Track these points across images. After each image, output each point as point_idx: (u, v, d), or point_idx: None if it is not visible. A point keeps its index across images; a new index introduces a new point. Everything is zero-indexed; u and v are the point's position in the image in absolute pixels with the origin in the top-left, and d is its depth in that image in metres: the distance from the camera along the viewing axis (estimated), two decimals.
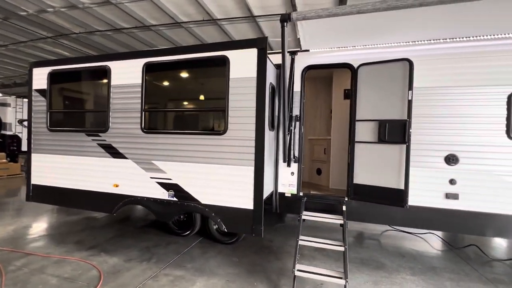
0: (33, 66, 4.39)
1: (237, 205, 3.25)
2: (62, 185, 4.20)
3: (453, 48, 3.34)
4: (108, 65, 3.88)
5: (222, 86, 3.29)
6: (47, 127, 4.31)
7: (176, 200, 3.53)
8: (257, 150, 3.13)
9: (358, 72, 3.67)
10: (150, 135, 3.66)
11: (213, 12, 9.58)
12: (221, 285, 3.24)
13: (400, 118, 3.36)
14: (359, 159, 3.65)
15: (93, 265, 3.63)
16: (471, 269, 3.78)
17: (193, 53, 3.44)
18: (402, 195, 3.31)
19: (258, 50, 3.15)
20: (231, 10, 9.28)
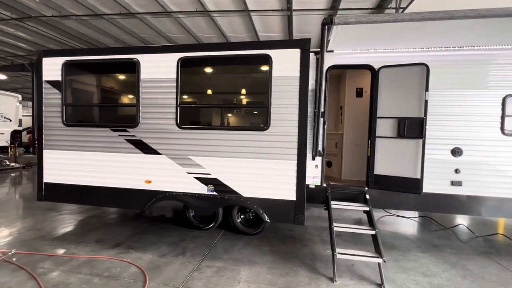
0: (42, 55, 4.04)
1: (280, 197, 3.46)
2: (81, 183, 4.00)
3: (461, 55, 3.85)
4: (137, 58, 3.75)
5: (263, 84, 3.43)
6: (63, 122, 4.04)
7: (216, 194, 3.61)
8: (299, 145, 3.35)
9: (379, 73, 4.04)
10: (187, 130, 3.66)
11: (206, 4, 9.40)
12: (264, 272, 3.45)
13: (417, 116, 3.81)
14: (379, 152, 4.06)
15: (129, 262, 3.59)
16: (464, 245, 4.46)
17: (234, 50, 3.50)
18: (418, 183, 3.79)
19: (301, 50, 3.34)
20: (225, 2, 9.19)
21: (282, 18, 10.15)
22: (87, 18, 10.93)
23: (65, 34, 12.73)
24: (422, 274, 3.46)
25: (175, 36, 12.41)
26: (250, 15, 9.69)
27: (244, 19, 10.32)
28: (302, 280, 3.28)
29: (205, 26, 11.13)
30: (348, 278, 3.33)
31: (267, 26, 10.81)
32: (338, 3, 8.69)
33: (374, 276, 3.37)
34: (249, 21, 10.45)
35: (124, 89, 3.91)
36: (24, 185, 8.58)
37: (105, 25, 11.61)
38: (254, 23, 10.32)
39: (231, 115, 3.80)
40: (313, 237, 4.67)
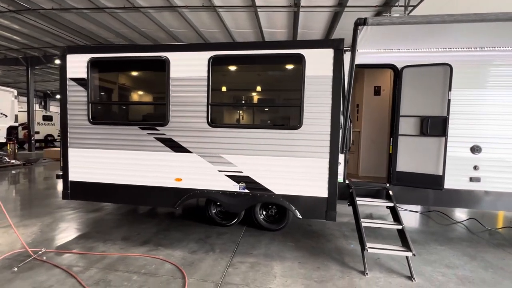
0: (67, 51, 3.96)
1: (312, 194, 3.54)
2: (108, 181, 3.99)
3: (483, 56, 3.98)
4: (167, 56, 3.73)
5: (295, 83, 3.48)
6: (89, 120, 4.00)
7: (247, 192, 3.67)
8: (332, 144, 3.44)
9: (403, 73, 4.15)
10: (218, 129, 3.69)
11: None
12: (297, 266, 3.55)
13: (440, 114, 3.94)
14: (402, 149, 4.19)
15: (162, 259, 3.63)
16: (478, 238, 4.66)
17: (267, 49, 3.53)
18: (440, 180, 3.95)
19: (334, 50, 3.39)
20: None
21: (288, 15, 10.15)
22: (88, 12, 10.67)
23: (63, 27, 12.41)
24: (446, 266, 3.62)
25: (176, 31, 12.25)
26: (256, 11, 9.65)
27: (249, 14, 10.27)
28: (335, 274, 3.39)
29: (209, 21, 11.02)
30: (378, 271, 3.46)
31: (272, 22, 10.78)
32: (345, 1, 8.74)
33: (401, 269, 3.51)
34: (254, 17, 10.41)
35: (152, 87, 3.89)
36: (30, 183, 8.43)
37: (106, 19, 11.36)
38: (260, 19, 10.29)
39: (263, 113, 3.84)
40: (333, 232, 4.80)
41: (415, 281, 3.24)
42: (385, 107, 5.13)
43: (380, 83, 5.16)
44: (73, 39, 13.77)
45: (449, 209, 6.15)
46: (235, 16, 10.47)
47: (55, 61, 15.35)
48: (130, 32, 12.87)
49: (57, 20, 11.77)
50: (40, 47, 14.91)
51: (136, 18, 11.31)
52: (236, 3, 9.36)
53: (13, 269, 3.26)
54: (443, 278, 3.33)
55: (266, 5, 9.34)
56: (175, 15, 10.70)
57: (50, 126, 19.63)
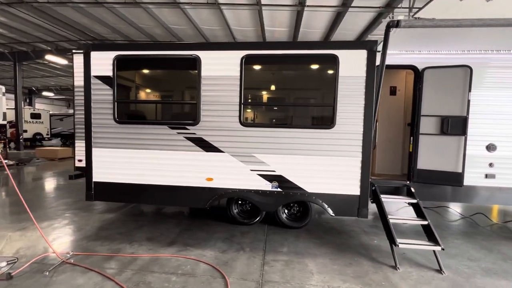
0: (91, 49, 3.84)
1: (344, 192, 3.62)
2: (135, 181, 3.92)
3: (500, 58, 4.17)
4: (198, 55, 3.69)
5: (329, 83, 3.53)
6: (114, 119, 3.90)
7: (280, 191, 3.71)
8: (364, 143, 3.52)
9: (424, 74, 4.29)
10: (251, 128, 3.70)
11: None
12: (329, 263, 3.62)
13: (460, 114, 4.12)
14: (423, 148, 4.34)
15: (195, 259, 3.61)
16: (489, 231, 4.91)
17: (300, 49, 3.56)
18: (460, 177, 4.13)
19: (368, 51, 3.47)
20: None
21: (291, 14, 10.19)
22: (84, 6, 10.31)
23: (56, 21, 11.92)
24: (468, 259, 3.81)
25: (175, 27, 12.04)
26: (261, 9, 9.63)
27: (252, 13, 10.24)
28: (367, 269, 3.49)
29: (211, 19, 10.90)
30: (408, 265, 3.59)
31: (274, 21, 10.80)
32: (349, 1, 8.88)
33: (428, 263, 3.66)
34: (257, 15, 10.40)
35: (182, 86, 3.84)
36: (30, 183, 8.10)
37: (102, 13, 11.02)
38: (263, 18, 10.28)
39: (295, 113, 3.88)
40: (353, 228, 4.91)
41: (445, 274, 3.39)
42: (401, 106, 5.28)
43: (396, 83, 5.31)
44: (65, 34, 13.27)
45: (455, 204, 6.42)
46: (238, 14, 10.42)
47: (45, 57, 14.74)
48: (126, 27, 12.54)
49: (50, 14, 11.30)
50: (29, 42, 14.27)
51: (135, 13, 11.04)
52: (241, 1, 9.31)
53: (44, 273, 3.16)
54: (469, 271, 3.50)
55: (271, 4, 9.33)
56: (176, 11, 10.51)
57: (39, 124, 18.85)
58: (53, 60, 15.24)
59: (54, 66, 19.10)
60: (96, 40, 14.18)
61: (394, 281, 3.22)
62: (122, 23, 11.92)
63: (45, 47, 14.91)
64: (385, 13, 9.51)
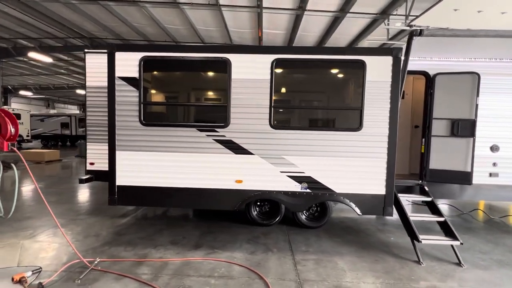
0: (115, 49, 3.72)
1: (371, 192, 3.78)
2: (161, 185, 3.85)
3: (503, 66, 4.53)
4: (228, 58, 3.70)
5: (356, 87, 3.68)
6: (140, 122, 3.80)
7: (309, 192, 3.80)
8: (389, 145, 3.70)
9: (436, 79, 4.56)
10: (280, 130, 3.76)
11: None
12: (357, 260, 3.75)
13: (469, 117, 4.42)
14: (435, 149, 4.61)
15: (227, 261, 3.61)
16: (489, 226, 5.29)
17: (330, 54, 3.67)
18: (469, 176, 4.44)
19: (393, 58, 3.65)
20: None
21: (290, 17, 10.37)
22: (77, 2, 9.90)
23: (42, 17, 11.35)
24: (480, 252, 4.09)
25: (170, 27, 11.84)
26: (261, 12, 9.72)
27: (252, 15, 10.30)
28: (394, 265, 3.66)
29: (209, 19, 10.84)
30: (429, 260, 3.81)
31: (273, 24, 10.92)
32: (348, 7, 9.19)
33: (446, 257, 3.90)
34: (256, 18, 10.49)
35: (211, 88, 3.82)
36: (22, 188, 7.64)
37: (94, 10, 10.64)
38: (262, 20, 10.37)
39: (324, 116, 3.98)
40: (367, 226, 5.11)
41: (465, 267, 3.63)
42: (408, 110, 5.57)
43: (404, 88, 5.57)
44: (51, 30, 12.66)
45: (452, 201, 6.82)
46: (237, 15, 10.43)
47: (28, 54, 13.94)
48: (118, 26, 12.17)
49: (36, 9, 10.75)
50: (10, 38, 13.46)
51: (129, 11, 10.74)
52: (243, 3, 9.35)
53: (76, 282, 3.05)
54: (484, 263, 3.77)
55: (272, 7, 9.45)
56: (172, 10, 10.36)
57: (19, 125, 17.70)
58: (36, 58, 14.44)
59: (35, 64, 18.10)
60: (84, 39, 13.64)
61: (421, 275, 3.41)
62: (115, 21, 11.55)
63: (28, 44, 14.13)
64: (380, 19, 9.93)
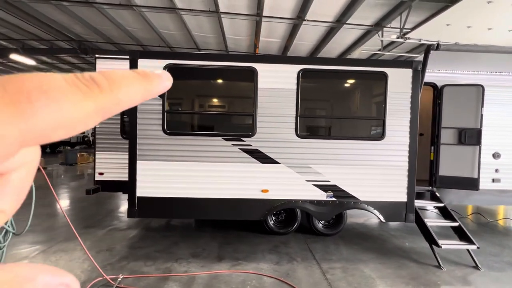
0: (138, 56, 3.60)
1: (393, 199, 3.88)
2: (185, 195, 3.73)
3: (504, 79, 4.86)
4: (255, 67, 3.69)
5: (379, 97, 3.80)
6: (163, 130, 3.68)
7: (335, 200, 3.83)
8: (410, 153, 3.84)
9: (444, 91, 4.81)
10: (306, 140, 3.78)
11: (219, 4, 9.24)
12: (382, 267, 3.83)
13: (475, 127, 4.69)
14: (444, 156, 4.83)
15: (256, 273, 3.55)
16: (490, 229, 5.58)
17: (354, 65, 3.77)
18: (476, 181, 4.68)
19: (413, 70, 3.81)
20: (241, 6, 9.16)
21: (288, 26, 10.57)
22: (69, 4, 9.54)
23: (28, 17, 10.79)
24: (490, 255, 4.30)
25: (165, 32, 11.69)
26: (261, 20, 9.83)
27: (250, 22, 10.40)
28: (418, 270, 3.77)
29: (207, 26, 10.81)
30: (447, 264, 3.95)
31: (270, 32, 11.07)
32: (345, 18, 9.51)
33: (462, 260, 4.06)
34: (254, 26, 10.59)
35: (237, 97, 3.78)
36: None
37: (87, 13, 10.30)
38: (261, 28, 10.48)
39: (348, 125, 4.05)
40: (380, 232, 5.23)
41: (482, 270, 3.80)
42: None
43: None
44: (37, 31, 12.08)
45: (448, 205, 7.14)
46: (235, 23, 10.49)
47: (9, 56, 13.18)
48: (110, 29, 11.85)
49: (22, 9, 10.24)
50: None
51: (123, 15, 10.50)
52: (243, 11, 9.42)
53: None
54: (497, 265, 3.97)
55: (272, 16, 9.58)
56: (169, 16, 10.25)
57: None
58: (18, 60, 13.68)
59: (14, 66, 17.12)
60: (72, 41, 13.13)
61: (446, 280, 3.53)
62: (106, 24, 11.23)
63: (8, 45, 13.36)
64: (373, 31, 10.37)
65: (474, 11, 6.78)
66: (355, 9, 8.70)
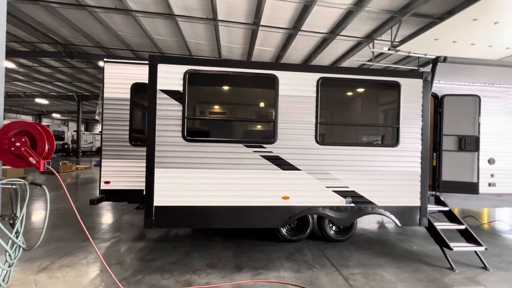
0: (157, 61, 3.50)
1: (407, 204, 4.00)
2: (207, 204, 3.62)
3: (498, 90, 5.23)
4: (276, 74, 3.72)
5: (393, 106, 3.95)
6: (183, 137, 3.58)
7: (353, 206, 3.88)
8: (422, 159, 4.00)
9: (444, 100, 5.09)
10: (326, 146, 3.83)
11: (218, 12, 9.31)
12: (399, 271, 3.89)
13: (473, 134, 4.99)
14: (446, 162, 5.07)
15: (280, 282, 3.49)
16: (485, 231, 5.88)
17: (370, 75, 3.91)
18: (476, 186, 4.95)
19: (423, 81, 4.02)
20: (240, 15, 9.26)
21: (283, 36, 10.80)
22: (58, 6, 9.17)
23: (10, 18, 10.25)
24: (493, 256, 4.52)
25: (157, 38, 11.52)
26: (258, 29, 9.96)
27: (246, 31, 10.51)
28: (433, 273, 3.88)
29: (202, 33, 10.80)
30: (459, 266, 4.10)
31: (266, 41, 11.25)
32: (339, 30, 9.88)
33: (470, 262, 4.23)
34: (249, 34, 10.73)
35: (257, 104, 3.77)
36: None
37: (77, 15, 9.95)
38: (256, 37, 10.61)
39: (365, 132, 4.15)
40: (387, 237, 5.35)
41: (491, 270, 3.98)
42: None
43: None
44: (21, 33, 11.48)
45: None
46: (232, 31, 10.56)
47: None
48: (100, 33, 11.52)
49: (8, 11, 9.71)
50: None
51: (115, 19, 10.26)
52: (241, 20, 9.52)
53: None
54: (503, 265, 4.18)
55: (269, 25, 9.76)
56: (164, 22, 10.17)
57: None
58: None
59: None
60: (58, 44, 12.60)
61: (462, 282, 3.66)
62: (96, 28, 10.91)
63: None
64: (364, 43, 10.84)
65: (460, 27, 7.31)
66: (349, 22, 9.10)
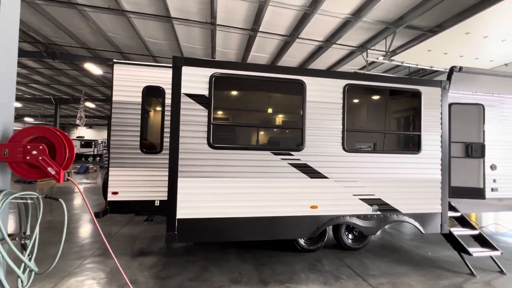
0: (182, 63, 3.27)
1: (430, 210, 4.02)
2: (234, 215, 3.40)
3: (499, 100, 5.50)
4: (303, 80, 3.62)
5: (415, 113, 4.00)
6: (209, 144, 3.35)
7: (379, 214, 3.83)
8: (442, 165, 4.06)
9: (451, 108, 5.26)
10: (353, 154, 3.77)
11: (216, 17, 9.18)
12: (423, 279, 3.88)
13: (479, 141, 5.18)
14: (454, 168, 5.21)
15: None
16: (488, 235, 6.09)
17: (395, 83, 3.93)
18: (482, 191, 5.12)
19: (442, 89, 4.10)
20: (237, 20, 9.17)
21: (279, 42, 10.83)
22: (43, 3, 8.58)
23: None
24: (504, 259, 4.65)
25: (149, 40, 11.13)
26: (255, 35, 9.91)
27: (243, 37, 10.43)
28: (455, 279, 3.90)
29: (198, 37, 10.58)
30: (478, 271, 4.17)
31: (261, 47, 11.22)
32: (334, 39, 10.08)
33: (486, 267, 4.32)
34: (246, 40, 10.66)
35: (285, 110, 3.64)
36: None
37: (62, 14, 9.37)
38: (254, 43, 10.56)
39: (390, 139, 4.14)
40: (400, 244, 5.37)
41: (507, 274, 4.08)
42: None
43: None
44: None
45: None
46: (229, 36, 10.44)
47: None
48: (86, 33, 10.95)
49: None
50: None
51: (105, 19, 9.80)
52: (239, 25, 9.44)
53: None
54: None
55: (267, 31, 9.74)
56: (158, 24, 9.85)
57: None
58: None
59: None
60: (38, 44, 11.81)
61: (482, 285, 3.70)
62: (83, 28, 10.35)
63: None
64: (357, 52, 11.15)
65: (453, 40, 7.70)
66: (345, 31, 9.29)
